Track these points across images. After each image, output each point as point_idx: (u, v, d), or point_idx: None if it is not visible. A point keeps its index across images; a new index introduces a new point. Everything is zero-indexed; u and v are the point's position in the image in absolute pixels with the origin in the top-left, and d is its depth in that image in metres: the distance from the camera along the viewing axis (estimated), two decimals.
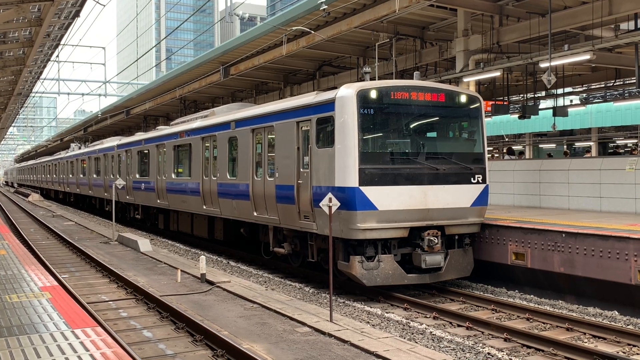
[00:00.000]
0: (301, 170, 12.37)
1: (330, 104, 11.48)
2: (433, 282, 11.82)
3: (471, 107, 12.43)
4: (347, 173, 10.96)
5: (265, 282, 13.40)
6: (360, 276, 11.09)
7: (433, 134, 12.56)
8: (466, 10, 16.47)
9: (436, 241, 11.43)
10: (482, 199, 12.19)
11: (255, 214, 14.32)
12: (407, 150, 11.80)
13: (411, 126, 12.01)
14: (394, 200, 11.19)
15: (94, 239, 20.37)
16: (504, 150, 30.64)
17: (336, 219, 10.89)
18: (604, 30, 16.07)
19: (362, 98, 11.15)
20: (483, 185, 12.22)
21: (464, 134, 12.80)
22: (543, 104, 26.06)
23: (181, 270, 13.17)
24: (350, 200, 10.86)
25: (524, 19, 16.37)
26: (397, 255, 11.48)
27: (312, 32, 17.68)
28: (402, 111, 11.66)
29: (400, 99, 11.55)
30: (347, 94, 11.20)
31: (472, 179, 12.08)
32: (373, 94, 11.27)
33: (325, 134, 11.73)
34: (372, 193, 10.99)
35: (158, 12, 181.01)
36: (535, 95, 23.48)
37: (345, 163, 10.99)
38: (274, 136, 13.60)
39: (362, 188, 10.92)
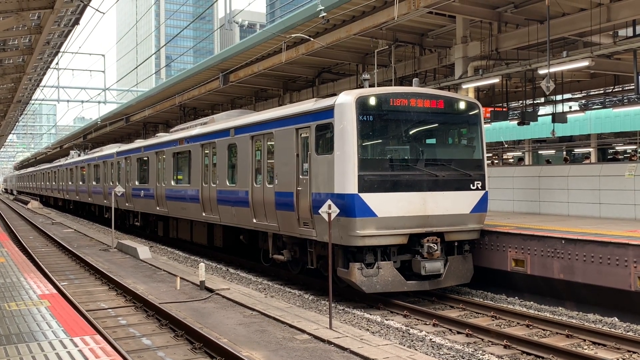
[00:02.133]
0: (300, 177, 12.37)
1: (329, 111, 11.49)
2: (433, 288, 11.80)
3: (470, 113, 12.45)
4: (347, 180, 10.96)
5: (265, 289, 13.38)
6: (360, 283, 11.07)
7: (432, 141, 12.56)
8: (465, 17, 16.52)
9: (436, 248, 11.42)
10: (481, 206, 12.19)
11: (254, 221, 14.30)
12: (406, 157, 11.80)
13: (410, 133, 12.01)
14: (394, 206, 11.18)
15: (93, 247, 20.34)
16: None
17: (335, 226, 10.88)
18: (603, 36, 16.12)
19: (361, 105, 11.16)
20: (482, 192, 12.22)
21: (463, 141, 12.80)
22: (542, 111, 26.13)
23: (180, 278, 13.15)
24: (349, 207, 10.86)
25: (522, 26, 16.42)
26: (396, 262, 11.47)
27: (312, 39, 17.73)
28: (401, 118, 11.67)
29: (399, 105, 11.57)
30: (346, 100, 11.22)
31: (471, 185, 12.08)
32: (372, 101, 11.28)
33: (325, 140, 11.73)
34: (372, 200, 10.98)
35: (158, 20, 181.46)
36: (534, 102, 23.52)
37: (345, 170, 10.99)
38: (273, 143, 13.60)
39: (362, 195, 10.91)
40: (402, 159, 11.75)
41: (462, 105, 12.33)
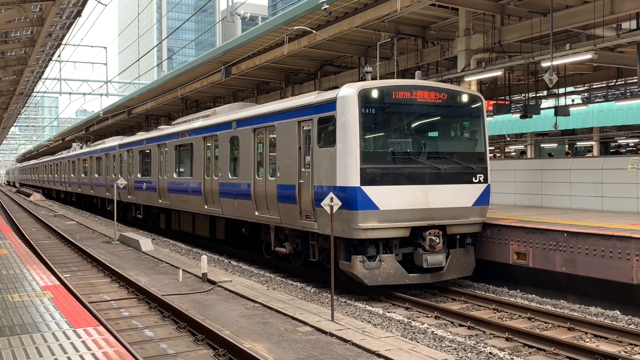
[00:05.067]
0: (303, 169, 12.37)
1: (331, 104, 11.47)
2: (434, 281, 11.81)
3: (473, 106, 12.42)
4: (349, 172, 10.96)
5: (267, 281, 13.41)
6: (362, 276, 11.09)
7: (434, 134, 12.55)
8: (468, 10, 16.46)
9: (438, 241, 11.42)
10: (483, 199, 12.18)
11: (256, 213, 14.32)
12: (408, 150, 11.79)
13: (413, 126, 12.00)
14: (396, 199, 11.18)
15: (95, 239, 20.39)
16: None
17: (338, 219, 10.89)
18: (606, 29, 16.07)
19: (364, 97, 11.14)
20: (484, 185, 12.21)
21: (466, 134, 12.79)
22: (545, 104, 26.08)
23: (183, 270, 13.17)
24: (351, 199, 10.86)
25: (525, 18, 16.36)
26: (398, 255, 11.47)
27: (314, 31, 17.68)
28: (404, 111, 11.65)
29: (401, 98, 11.54)
30: (348, 93, 11.20)
31: (473, 178, 12.07)
32: (374, 94, 11.26)
33: (327, 133, 11.72)
34: (374, 193, 10.98)
35: (159, 12, 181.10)
36: (537, 95, 23.48)
37: (347, 163, 10.99)
38: (275, 136, 13.60)
39: (364, 187, 10.91)
40: (404, 152, 11.74)
41: (464, 98, 12.30)
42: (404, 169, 11.36)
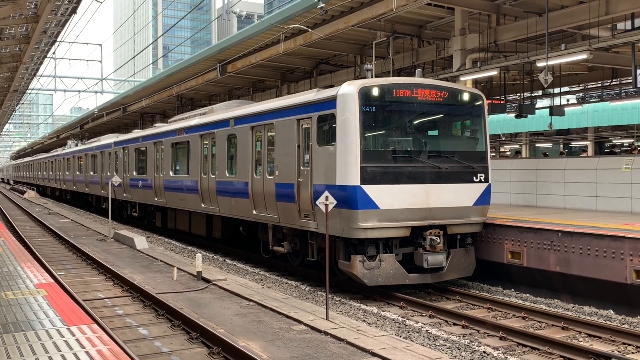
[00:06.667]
0: (302, 168, 12.32)
1: (331, 102, 11.41)
2: (435, 282, 11.71)
3: (474, 105, 12.32)
4: (349, 171, 10.90)
5: (262, 280, 13.39)
6: (362, 276, 11.04)
7: (435, 132, 12.49)
8: (463, 9, 16.47)
9: (438, 240, 11.35)
10: (484, 198, 12.12)
11: (254, 212, 14.28)
12: (409, 149, 11.70)
13: (413, 124, 11.91)
14: (396, 199, 11.10)
15: (90, 237, 20.33)
16: None
17: (337, 218, 10.86)
18: (601, 29, 16.08)
19: (364, 95, 11.06)
20: (485, 184, 12.16)
21: (467, 132, 12.73)
22: (540, 103, 26.12)
23: (177, 268, 13.15)
24: (351, 198, 10.82)
25: (521, 18, 16.38)
26: (398, 255, 11.36)
27: (310, 30, 17.66)
28: (405, 109, 11.56)
29: (402, 96, 11.45)
30: (349, 91, 11.13)
31: (474, 177, 11.99)
32: (375, 92, 11.19)
33: (327, 131, 11.65)
34: (374, 192, 10.91)
35: (155, 10, 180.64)
36: (532, 95, 23.51)
37: (347, 161, 10.93)
38: (273, 134, 13.55)
39: (364, 186, 10.85)
40: (405, 151, 11.66)
41: (465, 97, 12.22)
42: (404, 168, 11.28)
